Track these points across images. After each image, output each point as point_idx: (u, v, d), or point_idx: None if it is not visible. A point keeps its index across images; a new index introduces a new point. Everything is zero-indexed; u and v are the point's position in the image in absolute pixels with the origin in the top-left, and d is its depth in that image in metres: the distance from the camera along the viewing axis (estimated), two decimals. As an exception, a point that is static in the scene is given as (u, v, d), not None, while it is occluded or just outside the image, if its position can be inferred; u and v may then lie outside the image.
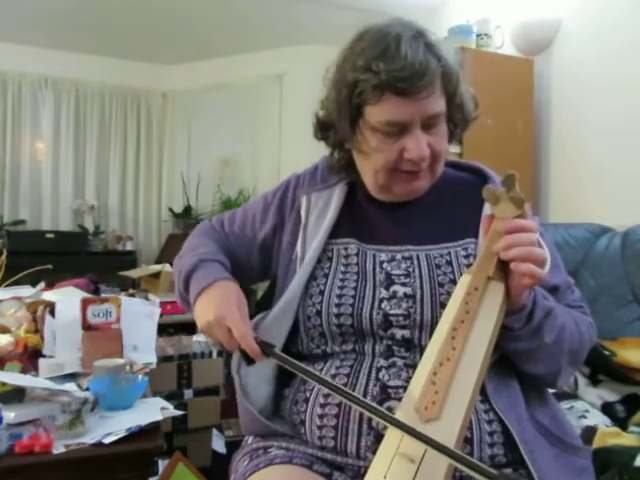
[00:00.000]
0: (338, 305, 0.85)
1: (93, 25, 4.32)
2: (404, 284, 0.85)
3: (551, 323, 0.80)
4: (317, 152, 1.06)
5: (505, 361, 0.83)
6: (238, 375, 0.89)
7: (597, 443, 1.34)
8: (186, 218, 5.02)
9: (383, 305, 0.84)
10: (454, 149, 2.49)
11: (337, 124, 0.89)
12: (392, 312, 0.83)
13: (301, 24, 4.19)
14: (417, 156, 0.83)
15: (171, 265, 2.78)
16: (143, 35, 4.51)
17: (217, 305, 0.84)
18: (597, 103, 2.54)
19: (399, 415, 0.67)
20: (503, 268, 0.75)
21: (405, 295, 0.84)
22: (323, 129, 0.94)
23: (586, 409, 1.57)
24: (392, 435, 0.66)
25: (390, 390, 0.80)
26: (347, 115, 0.86)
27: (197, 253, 0.96)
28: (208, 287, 0.88)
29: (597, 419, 1.51)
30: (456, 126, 0.93)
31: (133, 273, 3.06)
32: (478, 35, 2.93)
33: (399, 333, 0.83)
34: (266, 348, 0.79)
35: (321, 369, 0.86)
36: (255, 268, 1.03)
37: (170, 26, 4.30)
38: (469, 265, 0.85)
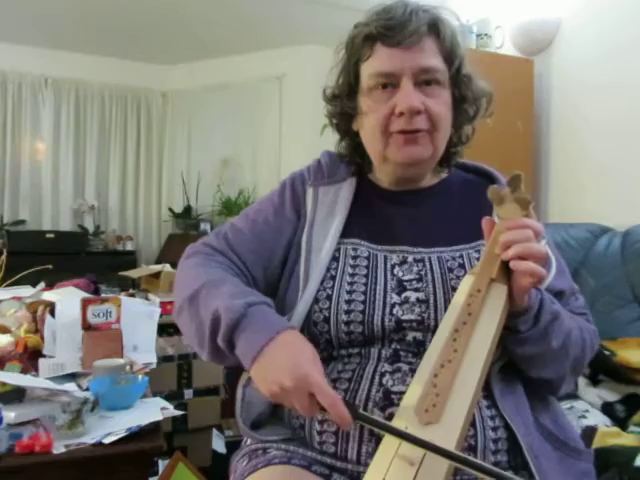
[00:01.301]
0: (348, 312, 0.82)
1: (93, 25, 4.32)
2: (416, 289, 0.83)
3: (558, 327, 0.79)
4: (317, 152, 1.05)
5: (511, 365, 0.81)
6: (244, 389, 0.85)
7: (597, 443, 1.34)
8: (186, 218, 5.02)
9: (395, 310, 0.81)
10: (454, 149, 2.48)
11: (339, 92, 0.91)
12: (405, 317, 0.81)
13: (301, 24, 4.19)
14: (406, 107, 0.82)
15: (172, 265, 2.77)
16: (143, 35, 4.51)
17: (293, 366, 0.69)
18: (597, 103, 2.54)
19: (396, 417, 0.67)
20: (506, 270, 0.74)
21: (418, 300, 0.82)
22: (330, 103, 0.95)
23: (586, 409, 1.56)
24: (391, 437, 0.65)
25: (393, 396, 0.77)
26: (346, 79, 0.89)
27: (230, 293, 0.79)
28: (271, 342, 0.72)
29: (597, 419, 1.51)
30: (463, 101, 0.90)
31: (133, 273, 3.06)
32: (478, 35, 2.93)
33: (411, 335, 0.81)
34: (353, 412, 0.67)
35: None
36: (273, 283, 0.91)
37: (170, 26, 4.30)
38: None
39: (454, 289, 0.81)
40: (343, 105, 0.92)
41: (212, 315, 0.77)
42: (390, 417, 0.74)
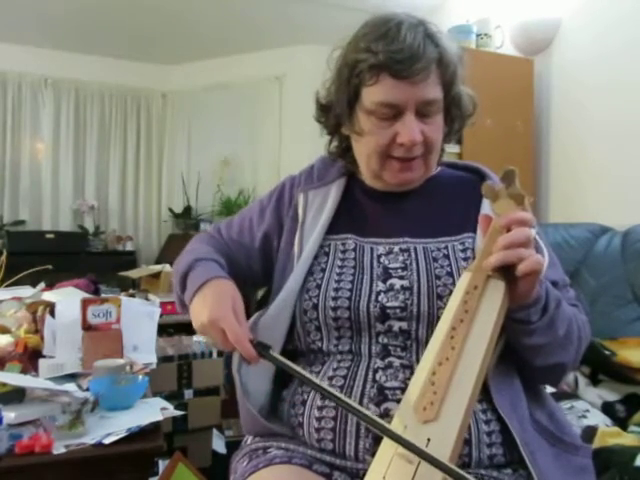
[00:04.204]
0: (335, 298, 0.85)
1: (93, 25, 4.32)
2: (401, 277, 0.86)
3: (562, 314, 0.80)
4: (317, 152, 1.06)
5: (506, 359, 0.82)
6: (239, 374, 0.88)
7: (597, 443, 1.34)
8: (186, 218, 5.02)
9: (380, 297, 0.84)
10: (453, 149, 2.49)
11: (335, 105, 0.92)
12: (389, 304, 0.83)
13: (301, 24, 4.19)
14: (408, 140, 0.85)
15: (171, 265, 2.78)
16: (143, 35, 4.51)
17: (211, 306, 0.81)
18: (597, 103, 2.54)
19: (397, 416, 0.67)
20: (503, 266, 0.73)
21: (402, 287, 0.84)
22: (323, 110, 0.96)
23: (586, 409, 1.56)
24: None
25: (387, 391, 0.79)
26: (345, 96, 0.89)
27: (193, 255, 0.95)
28: (202, 286, 0.86)
29: (597, 419, 1.51)
30: (453, 121, 0.93)
31: (133, 273, 3.06)
32: (478, 35, 2.93)
33: (396, 325, 0.83)
34: (261, 350, 0.77)
35: (318, 372, 0.86)
36: (257, 272, 1.02)
37: (170, 26, 4.30)
38: (466, 258, 0.86)
39: (438, 277, 0.84)
40: (336, 114, 0.93)
41: (176, 270, 0.96)
42: (385, 412, 0.77)
